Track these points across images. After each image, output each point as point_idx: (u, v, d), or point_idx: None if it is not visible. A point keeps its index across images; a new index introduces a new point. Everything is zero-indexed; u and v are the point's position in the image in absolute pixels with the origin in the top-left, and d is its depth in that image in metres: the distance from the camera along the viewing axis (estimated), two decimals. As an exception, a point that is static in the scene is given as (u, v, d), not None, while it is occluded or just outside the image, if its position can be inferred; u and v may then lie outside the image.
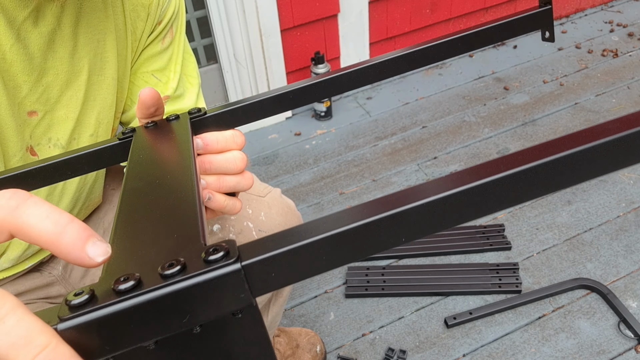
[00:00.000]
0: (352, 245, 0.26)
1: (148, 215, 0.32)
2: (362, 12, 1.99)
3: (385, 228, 0.26)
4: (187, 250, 0.27)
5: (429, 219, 0.27)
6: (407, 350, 1.29)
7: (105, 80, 0.69)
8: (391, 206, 0.26)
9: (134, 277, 0.25)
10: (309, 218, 1.64)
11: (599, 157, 0.27)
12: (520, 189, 0.27)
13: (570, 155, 0.26)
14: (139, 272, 0.25)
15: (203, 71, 1.98)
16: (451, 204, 0.26)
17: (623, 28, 2.38)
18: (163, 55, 0.76)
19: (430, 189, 0.27)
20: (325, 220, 0.27)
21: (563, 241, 1.51)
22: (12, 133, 0.61)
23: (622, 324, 1.29)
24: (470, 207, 0.27)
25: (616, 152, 0.27)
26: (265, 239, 0.27)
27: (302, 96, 0.50)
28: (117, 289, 0.24)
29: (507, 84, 2.13)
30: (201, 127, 0.49)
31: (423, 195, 0.26)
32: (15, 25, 0.57)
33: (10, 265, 0.75)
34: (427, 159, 1.82)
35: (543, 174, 0.27)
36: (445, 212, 0.27)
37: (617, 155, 0.27)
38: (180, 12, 0.77)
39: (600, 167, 0.27)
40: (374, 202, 0.27)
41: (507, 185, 0.27)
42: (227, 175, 0.50)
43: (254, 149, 1.93)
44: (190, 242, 0.28)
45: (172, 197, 0.34)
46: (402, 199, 0.27)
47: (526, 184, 0.27)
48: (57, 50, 0.62)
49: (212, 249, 0.25)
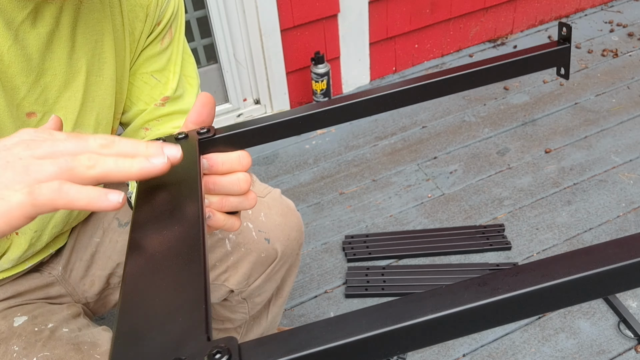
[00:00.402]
0: (350, 357, 0.27)
1: (154, 293, 0.32)
2: (362, 12, 1.99)
3: (389, 341, 0.27)
4: (191, 346, 0.28)
5: (430, 334, 0.27)
6: (407, 350, 1.29)
7: (104, 80, 0.69)
8: (397, 320, 0.27)
9: None
10: (309, 218, 1.64)
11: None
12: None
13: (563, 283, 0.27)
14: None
15: (203, 71, 1.98)
16: (450, 323, 0.27)
17: (623, 28, 2.38)
18: (162, 55, 0.76)
19: (434, 304, 0.27)
20: (328, 327, 0.27)
21: (563, 241, 1.51)
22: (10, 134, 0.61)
23: (622, 324, 1.29)
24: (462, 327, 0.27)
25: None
26: (266, 340, 0.27)
27: (311, 122, 0.51)
28: None
29: (507, 84, 2.13)
30: (209, 147, 0.49)
31: (425, 311, 0.27)
32: (14, 26, 0.57)
33: (11, 266, 0.75)
34: (427, 159, 1.82)
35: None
36: (444, 330, 0.27)
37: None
38: (180, 13, 0.77)
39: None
40: (377, 309, 0.28)
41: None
42: (230, 196, 0.50)
43: (254, 149, 1.94)
44: (194, 334, 0.28)
45: (178, 259, 0.34)
46: (405, 311, 0.27)
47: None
48: (55, 51, 0.62)
49: (215, 352, 0.26)
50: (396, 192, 1.71)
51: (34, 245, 0.74)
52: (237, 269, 0.87)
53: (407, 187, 1.72)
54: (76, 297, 0.86)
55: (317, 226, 1.62)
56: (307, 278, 1.48)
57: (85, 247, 0.85)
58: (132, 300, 0.32)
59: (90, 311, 0.89)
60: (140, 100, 0.76)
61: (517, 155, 1.80)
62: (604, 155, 1.77)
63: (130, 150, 0.40)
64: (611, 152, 1.78)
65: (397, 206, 1.66)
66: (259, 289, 0.92)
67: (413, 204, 1.66)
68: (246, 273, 0.87)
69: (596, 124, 1.90)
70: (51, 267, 0.84)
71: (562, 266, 0.27)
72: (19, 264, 0.77)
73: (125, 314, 0.31)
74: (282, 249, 0.89)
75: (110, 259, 0.85)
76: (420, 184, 1.73)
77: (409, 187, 1.72)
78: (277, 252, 0.88)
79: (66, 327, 0.75)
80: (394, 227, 1.60)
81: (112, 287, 0.88)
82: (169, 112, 0.78)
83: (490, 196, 1.66)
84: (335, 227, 1.61)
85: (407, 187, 1.72)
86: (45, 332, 0.73)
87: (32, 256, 0.78)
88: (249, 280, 0.89)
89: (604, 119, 1.92)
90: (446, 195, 1.68)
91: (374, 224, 1.61)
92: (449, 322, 0.26)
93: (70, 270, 0.85)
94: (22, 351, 0.70)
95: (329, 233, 1.59)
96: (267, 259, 0.88)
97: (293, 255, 0.94)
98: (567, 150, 1.80)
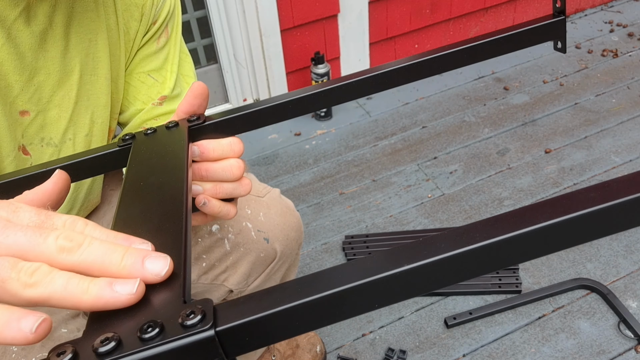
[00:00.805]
0: (325, 311, 0.27)
1: None
2: (362, 12, 1.99)
3: (358, 295, 0.27)
4: (167, 309, 0.28)
5: (398, 289, 0.27)
6: (407, 351, 1.28)
7: (98, 80, 0.69)
8: (365, 273, 0.27)
9: (113, 339, 0.26)
10: (309, 218, 1.64)
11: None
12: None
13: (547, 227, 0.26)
14: (120, 331, 0.27)
15: (203, 71, 1.98)
16: (424, 272, 0.27)
17: (623, 28, 2.38)
18: (159, 55, 0.76)
19: (395, 259, 0.27)
20: (302, 285, 0.27)
21: (563, 241, 1.51)
22: (4, 133, 0.61)
23: (622, 324, 1.29)
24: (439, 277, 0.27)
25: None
26: (242, 300, 0.27)
27: (302, 105, 0.50)
28: (98, 351, 0.26)
29: (507, 84, 2.13)
30: (200, 134, 0.49)
31: (394, 265, 0.27)
32: (6, 24, 0.57)
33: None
34: (427, 159, 1.82)
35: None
36: (420, 280, 0.27)
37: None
38: (176, 12, 0.77)
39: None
40: (347, 266, 0.28)
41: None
42: (224, 182, 0.50)
43: (254, 149, 1.93)
44: (170, 299, 0.29)
45: (160, 233, 0.35)
46: (375, 267, 0.27)
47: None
48: (49, 50, 0.62)
49: (189, 312, 0.27)
50: (396, 192, 1.71)
51: None
52: (236, 269, 0.87)
53: (407, 187, 1.72)
54: (75, 297, 0.85)
55: (317, 226, 1.62)
56: (307, 278, 1.48)
57: (84, 247, 0.84)
58: None
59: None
60: (137, 100, 0.76)
61: (517, 155, 1.80)
62: (604, 155, 1.77)
63: (96, 263, 0.30)
64: (611, 152, 1.77)
65: (397, 206, 1.66)
66: (258, 288, 0.92)
67: (413, 204, 1.66)
68: (245, 273, 0.87)
69: (596, 124, 1.90)
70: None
71: (541, 213, 0.26)
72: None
73: None
74: (281, 248, 0.89)
75: (109, 259, 0.84)
76: (420, 184, 1.73)
77: (409, 187, 1.72)
78: (276, 252, 0.88)
79: (65, 327, 0.75)
80: (394, 227, 1.60)
81: None
82: (166, 111, 0.78)
83: (490, 196, 1.66)
84: (335, 227, 1.61)
85: (407, 187, 1.72)
86: (44, 332, 0.73)
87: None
88: (248, 280, 0.89)
89: (604, 119, 1.92)
90: (446, 195, 1.68)
91: (374, 224, 1.61)
92: (425, 272, 0.26)
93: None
94: (20, 352, 0.70)
95: (329, 233, 1.59)
96: (266, 258, 0.88)
97: (292, 255, 0.94)
98: (567, 150, 1.80)
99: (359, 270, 0.27)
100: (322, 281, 0.27)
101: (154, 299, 0.29)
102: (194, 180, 0.50)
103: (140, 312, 0.28)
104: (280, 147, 1.94)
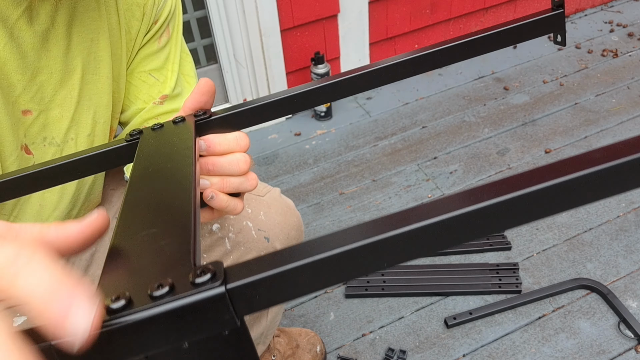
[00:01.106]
0: (335, 269, 0.27)
1: (145, 230, 0.34)
2: (362, 12, 1.99)
3: (368, 254, 0.27)
4: (177, 270, 0.28)
5: (410, 245, 0.28)
6: (407, 351, 1.28)
7: (100, 79, 0.69)
8: (373, 232, 0.27)
9: (124, 296, 0.26)
10: (309, 218, 1.64)
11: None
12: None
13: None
14: (130, 291, 0.27)
15: (203, 71, 1.98)
16: (429, 232, 0.27)
17: (623, 28, 2.38)
18: (160, 54, 0.76)
19: (411, 216, 0.27)
20: (309, 245, 0.28)
21: (563, 241, 1.51)
22: (7, 132, 0.61)
23: (622, 324, 1.29)
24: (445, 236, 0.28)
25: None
26: (252, 261, 0.28)
27: (306, 100, 0.50)
28: (109, 307, 0.26)
29: (507, 84, 2.13)
30: (206, 129, 0.49)
31: (406, 222, 0.27)
32: (9, 23, 0.57)
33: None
34: (427, 159, 1.82)
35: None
36: (426, 239, 0.28)
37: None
38: (177, 11, 0.77)
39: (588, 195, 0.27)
40: (358, 227, 0.28)
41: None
42: (230, 177, 0.50)
43: (254, 149, 1.93)
44: (181, 262, 0.29)
45: (169, 210, 0.35)
46: (384, 225, 0.27)
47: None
48: (51, 50, 0.62)
49: (199, 271, 0.27)
50: (396, 192, 1.71)
51: None
52: (237, 269, 0.87)
53: (407, 187, 1.72)
54: (75, 297, 0.85)
55: (317, 226, 1.62)
56: (307, 278, 1.48)
57: (84, 247, 0.84)
58: (123, 238, 0.33)
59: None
60: (138, 99, 0.76)
61: (517, 155, 1.80)
62: (604, 155, 1.77)
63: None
64: (611, 152, 1.78)
65: (397, 206, 1.66)
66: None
67: (413, 204, 1.66)
68: (246, 273, 0.87)
69: (596, 124, 1.90)
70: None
71: (550, 172, 0.27)
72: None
73: (115, 248, 0.32)
74: (281, 247, 0.88)
75: (110, 259, 0.84)
76: (420, 184, 1.73)
77: (409, 187, 1.72)
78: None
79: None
80: (393, 227, 1.59)
81: None
82: (167, 110, 0.78)
83: (490, 196, 1.66)
84: (335, 227, 1.61)
85: (407, 187, 1.72)
86: (44, 332, 0.73)
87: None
88: (249, 280, 0.89)
89: (604, 119, 1.92)
90: (446, 195, 1.68)
91: (374, 224, 1.61)
92: (432, 230, 0.27)
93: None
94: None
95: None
96: (267, 258, 0.88)
97: (293, 255, 0.94)
98: (567, 151, 1.80)
99: (369, 229, 0.27)
100: (332, 240, 0.27)
101: (165, 263, 0.29)
102: (201, 175, 0.50)
103: (151, 274, 0.29)
104: (280, 147, 1.94)
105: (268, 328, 1.06)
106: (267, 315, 1.04)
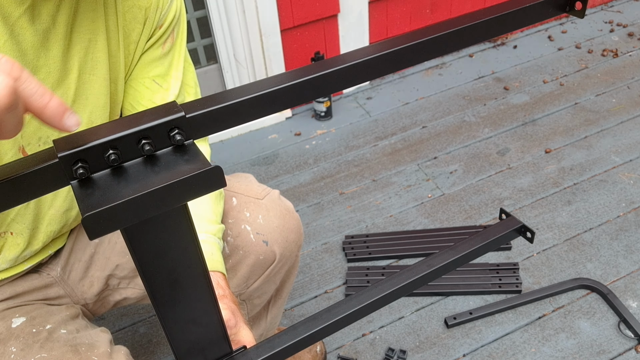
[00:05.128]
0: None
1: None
2: (362, 12, 1.99)
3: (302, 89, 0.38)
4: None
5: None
6: (407, 350, 1.29)
7: (97, 79, 0.69)
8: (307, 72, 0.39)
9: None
10: (309, 218, 1.64)
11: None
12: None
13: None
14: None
15: (203, 71, 1.98)
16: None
17: (623, 28, 2.38)
18: (164, 60, 0.76)
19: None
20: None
21: (563, 241, 1.51)
22: None
23: (622, 324, 1.29)
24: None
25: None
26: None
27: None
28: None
29: (507, 84, 2.12)
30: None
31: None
32: (10, 21, 0.57)
33: (9, 267, 0.75)
34: (427, 159, 1.82)
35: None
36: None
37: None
38: (182, 17, 0.77)
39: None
40: (298, 70, 0.39)
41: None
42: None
43: (254, 149, 1.94)
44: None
45: None
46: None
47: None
48: (51, 49, 0.62)
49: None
50: (396, 192, 1.71)
51: (31, 245, 0.74)
52: (236, 272, 0.87)
53: (407, 187, 1.72)
54: (75, 298, 0.85)
55: (317, 226, 1.62)
56: (307, 278, 1.48)
57: (84, 248, 0.84)
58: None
59: (90, 312, 0.89)
60: (140, 105, 0.77)
61: (517, 155, 1.80)
62: (604, 155, 1.77)
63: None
64: (611, 152, 1.77)
65: (397, 206, 1.66)
66: (258, 290, 0.92)
67: (413, 204, 1.66)
68: (245, 275, 0.87)
69: (596, 124, 1.90)
70: (50, 268, 0.84)
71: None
72: (17, 264, 0.77)
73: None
74: (280, 251, 0.89)
75: (109, 260, 0.84)
76: (420, 184, 1.73)
77: (409, 187, 1.72)
78: (275, 255, 0.88)
79: (64, 328, 0.75)
80: (394, 227, 1.60)
81: (111, 289, 0.88)
82: None
83: (490, 196, 1.66)
84: (335, 227, 1.61)
85: (407, 187, 1.72)
86: (43, 333, 0.73)
87: (30, 257, 0.78)
88: (248, 282, 0.89)
89: (604, 119, 1.92)
90: (446, 195, 1.68)
91: (374, 224, 1.61)
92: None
93: (69, 271, 0.84)
94: (19, 352, 0.70)
95: (329, 233, 1.59)
96: (266, 261, 0.88)
97: (292, 257, 0.94)
98: (567, 150, 1.80)
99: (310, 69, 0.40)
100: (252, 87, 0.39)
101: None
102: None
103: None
104: (280, 147, 1.94)
105: (268, 328, 1.06)
106: (267, 316, 1.04)
